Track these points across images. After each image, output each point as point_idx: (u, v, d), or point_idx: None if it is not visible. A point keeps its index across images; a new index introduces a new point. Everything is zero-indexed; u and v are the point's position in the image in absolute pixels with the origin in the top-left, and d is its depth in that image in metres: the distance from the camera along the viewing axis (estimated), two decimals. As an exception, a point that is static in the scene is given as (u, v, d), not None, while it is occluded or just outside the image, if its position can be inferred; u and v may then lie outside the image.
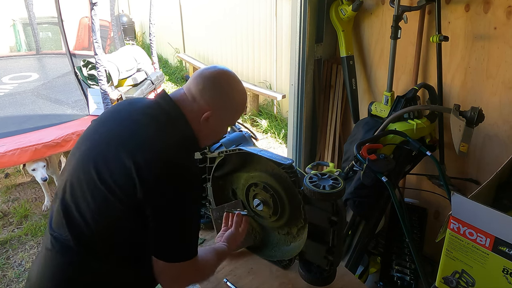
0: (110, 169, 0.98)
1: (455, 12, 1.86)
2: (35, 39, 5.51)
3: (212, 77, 1.12)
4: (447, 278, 0.95)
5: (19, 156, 2.88)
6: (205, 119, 1.10)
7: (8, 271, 2.63)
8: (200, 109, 1.09)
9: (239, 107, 1.17)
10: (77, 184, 1.03)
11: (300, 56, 2.38)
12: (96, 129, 1.10)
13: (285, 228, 1.45)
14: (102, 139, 1.05)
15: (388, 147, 1.77)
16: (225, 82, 1.13)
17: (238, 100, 1.15)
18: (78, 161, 1.05)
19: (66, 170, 1.09)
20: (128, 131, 1.04)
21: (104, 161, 1.00)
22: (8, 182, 3.71)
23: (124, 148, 0.99)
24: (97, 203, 0.99)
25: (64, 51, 4.39)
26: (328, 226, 1.23)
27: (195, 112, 1.09)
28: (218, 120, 1.13)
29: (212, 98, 1.10)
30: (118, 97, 3.68)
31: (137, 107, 1.10)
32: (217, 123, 1.14)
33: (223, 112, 1.13)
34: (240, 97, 1.16)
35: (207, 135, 1.15)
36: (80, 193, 1.02)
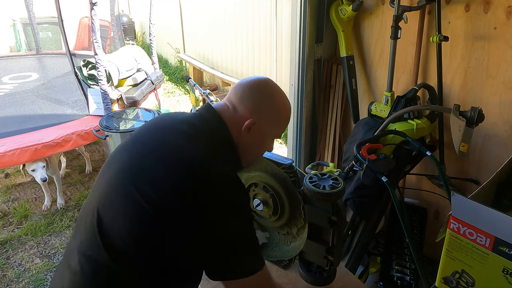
0: (150, 185, 0.89)
1: (455, 12, 1.86)
2: (35, 39, 5.51)
3: (252, 84, 1.07)
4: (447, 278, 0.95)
5: (19, 156, 2.88)
6: (247, 128, 1.03)
7: (8, 271, 2.63)
8: (241, 117, 1.03)
9: (283, 116, 1.09)
10: (115, 200, 0.93)
11: (300, 56, 2.38)
12: (134, 142, 1.01)
13: (285, 228, 1.45)
14: (141, 153, 0.96)
15: (388, 147, 1.77)
16: (266, 89, 1.07)
17: (282, 108, 1.08)
18: (116, 175, 0.95)
19: (99, 184, 1.00)
20: (168, 143, 0.96)
21: (145, 176, 0.91)
22: (8, 182, 3.71)
23: (165, 162, 0.92)
24: (136, 221, 0.89)
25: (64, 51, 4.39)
26: (328, 226, 1.23)
27: (237, 122, 1.03)
28: (260, 130, 1.05)
29: (253, 105, 1.04)
30: (118, 97, 3.69)
31: (179, 118, 1.04)
32: (259, 134, 1.06)
33: (265, 121, 1.05)
34: (284, 106, 1.09)
35: (250, 148, 1.07)
36: (117, 209, 0.91)
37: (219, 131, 1.02)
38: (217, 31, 5.77)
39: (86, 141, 3.27)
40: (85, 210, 1.00)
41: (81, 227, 0.98)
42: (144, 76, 4.14)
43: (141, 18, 7.95)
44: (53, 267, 2.66)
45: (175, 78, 6.53)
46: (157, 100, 4.32)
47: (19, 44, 6.59)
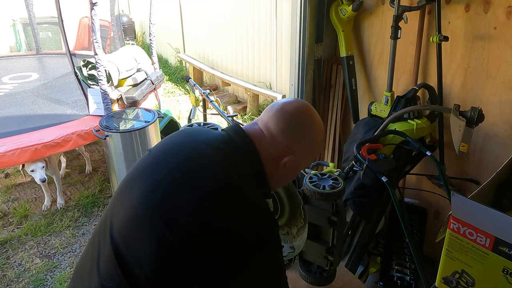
0: (174, 211, 0.82)
1: (455, 12, 1.86)
2: (35, 39, 5.51)
3: (296, 116, 0.97)
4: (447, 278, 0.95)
5: (19, 156, 2.88)
6: (284, 164, 0.96)
7: (8, 271, 2.63)
8: (280, 152, 0.95)
9: (318, 147, 1.03)
10: (136, 230, 0.84)
11: (300, 56, 2.38)
12: (158, 164, 0.91)
13: (285, 228, 1.45)
14: (165, 179, 0.86)
15: (388, 147, 1.77)
16: (309, 120, 0.98)
17: (319, 139, 1.02)
18: (138, 203, 0.86)
19: (117, 208, 0.91)
20: (195, 168, 0.87)
21: (169, 204, 0.83)
22: (8, 182, 3.71)
23: (190, 187, 0.83)
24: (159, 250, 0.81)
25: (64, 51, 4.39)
26: (328, 226, 1.23)
27: (272, 154, 0.94)
28: (295, 164, 0.99)
29: (296, 142, 0.96)
30: (118, 97, 3.69)
31: (203, 138, 0.94)
32: (294, 167, 1.00)
33: (303, 156, 0.99)
34: (321, 136, 1.03)
35: (279, 180, 1.01)
36: (139, 239, 0.83)
37: (251, 160, 0.93)
38: (217, 31, 5.77)
39: (86, 141, 3.27)
40: (101, 232, 0.92)
41: (98, 251, 0.90)
42: (144, 76, 4.14)
43: (141, 18, 7.95)
44: (53, 267, 2.66)
45: (175, 78, 6.53)
46: (157, 100, 4.32)
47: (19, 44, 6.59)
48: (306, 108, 0.99)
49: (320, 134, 1.02)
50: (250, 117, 5.01)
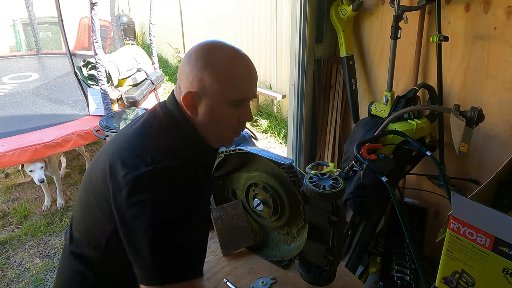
0: (95, 178, 0.93)
1: (455, 12, 1.86)
2: (35, 39, 5.52)
3: (189, 52, 0.93)
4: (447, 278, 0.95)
5: (19, 156, 2.88)
6: (188, 103, 0.91)
7: (8, 271, 2.63)
8: (182, 93, 0.92)
9: (229, 73, 0.90)
10: (78, 201, 1.04)
11: (300, 56, 2.38)
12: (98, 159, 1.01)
13: (285, 228, 1.45)
14: (99, 157, 0.98)
15: (388, 147, 1.77)
16: (203, 52, 0.91)
17: (226, 65, 0.90)
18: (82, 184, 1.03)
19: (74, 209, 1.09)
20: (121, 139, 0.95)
21: (94, 172, 0.95)
22: (8, 182, 3.71)
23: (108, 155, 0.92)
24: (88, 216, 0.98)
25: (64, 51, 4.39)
26: (328, 226, 1.23)
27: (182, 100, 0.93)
28: (206, 100, 0.91)
29: (191, 73, 0.90)
30: (118, 97, 3.69)
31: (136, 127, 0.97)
32: (207, 105, 0.91)
33: (209, 88, 0.89)
34: (229, 62, 0.90)
35: (206, 126, 0.94)
36: (79, 208, 1.02)
37: (172, 115, 0.95)
38: (217, 31, 5.77)
39: (86, 141, 3.27)
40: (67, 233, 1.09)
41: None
42: (144, 76, 4.14)
43: (141, 18, 7.95)
44: (53, 267, 2.66)
45: (175, 78, 6.53)
46: (157, 100, 4.32)
47: (19, 44, 6.59)
48: (202, 45, 0.93)
49: (224, 57, 0.91)
50: (250, 117, 5.01)
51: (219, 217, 1.47)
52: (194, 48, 0.93)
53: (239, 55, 0.93)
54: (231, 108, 0.93)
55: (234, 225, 1.49)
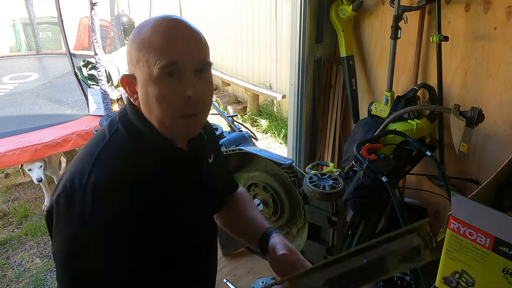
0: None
1: (455, 12, 1.86)
2: (35, 39, 5.52)
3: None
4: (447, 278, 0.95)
5: (19, 156, 2.88)
6: (129, 90, 0.81)
7: (8, 271, 2.63)
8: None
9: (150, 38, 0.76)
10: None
11: (300, 56, 2.38)
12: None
13: (285, 228, 1.45)
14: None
15: (388, 147, 1.77)
16: (135, 29, 0.81)
17: (147, 32, 0.77)
18: None
19: None
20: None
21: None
22: (8, 182, 3.71)
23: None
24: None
25: (64, 51, 4.39)
26: (328, 226, 1.23)
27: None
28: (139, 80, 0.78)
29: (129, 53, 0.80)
30: (118, 97, 3.69)
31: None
32: (140, 86, 0.79)
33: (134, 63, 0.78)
34: (151, 28, 0.77)
35: (150, 113, 0.80)
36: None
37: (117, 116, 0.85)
38: (217, 31, 5.77)
39: (86, 141, 3.26)
40: None
41: None
42: (144, 76, 4.13)
43: (141, 18, 7.95)
44: (53, 267, 2.66)
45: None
46: (157, 100, 4.32)
47: (19, 44, 6.59)
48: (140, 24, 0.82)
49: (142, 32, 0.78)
50: (250, 117, 5.01)
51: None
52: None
53: (164, 18, 0.79)
54: (165, 80, 0.75)
55: (234, 225, 1.49)
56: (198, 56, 0.78)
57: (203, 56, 0.80)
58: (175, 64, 0.75)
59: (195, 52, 0.78)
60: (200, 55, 0.79)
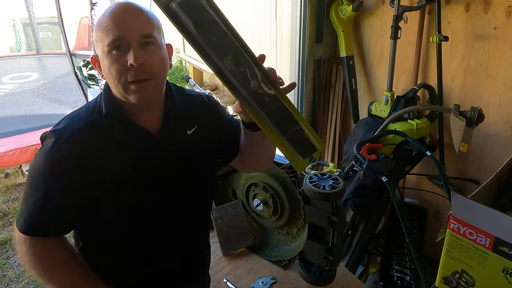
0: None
1: (455, 12, 1.86)
2: (35, 39, 5.52)
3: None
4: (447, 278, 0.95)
5: (19, 156, 2.88)
6: (97, 68, 0.96)
7: (8, 271, 2.63)
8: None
9: (101, 19, 0.91)
10: None
11: (300, 56, 2.38)
12: None
13: (285, 228, 1.45)
14: None
15: (388, 147, 1.77)
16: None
17: (102, 15, 0.92)
18: None
19: None
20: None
21: None
22: (8, 182, 3.71)
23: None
24: None
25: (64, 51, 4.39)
26: (328, 226, 1.23)
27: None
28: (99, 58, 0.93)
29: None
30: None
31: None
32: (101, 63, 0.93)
33: (94, 44, 0.94)
34: (105, 11, 0.91)
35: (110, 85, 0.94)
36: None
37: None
38: (217, 31, 5.77)
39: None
40: None
41: None
42: (144, 76, 4.13)
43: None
44: (53, 267, 2.66)
45: (175, 78, 6.53)
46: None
47: (19, 44, 6.59)
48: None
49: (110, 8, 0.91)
50: (250, 117, 5.01)
51: (219, 217, 1.47)
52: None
53: (116, 3, 0.93)
54: (113, 53, 0.88)
55: (234, 225, 1.49)
56: (142, 30, 0.89)
57: (147, 31, 0.90)
58: (120, 39, 0.87)
59: (139, 27, 0.89)
60: (144, 29, 0.90)
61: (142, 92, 0.90)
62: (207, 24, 0.79)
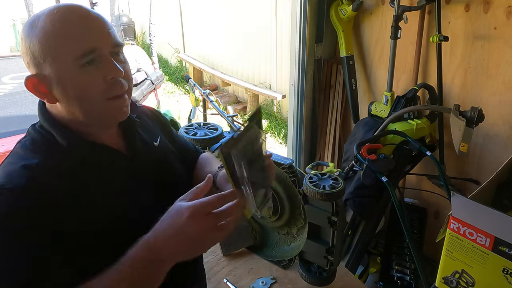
0: None
1: (455, 12, 1.86)
2: (35, 39, 5.51)
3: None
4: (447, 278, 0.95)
5: (19, 156, 2.88)
6: (38, 91, 0.78)
7: (8, 271, 2.63)
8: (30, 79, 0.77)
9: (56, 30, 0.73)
10: None
11: (300, 56, 2.38)
12: None
13: (285, 228, 1.45)
14: None
15: (388, 147, 1.77)
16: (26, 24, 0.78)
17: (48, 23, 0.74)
18: None
19: None
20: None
21: None
22: (8, 182, 3.71)
23: None
24: None
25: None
26: (328, 226, 1.23)
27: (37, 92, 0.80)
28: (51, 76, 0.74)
29: (23, 56, 0.78)
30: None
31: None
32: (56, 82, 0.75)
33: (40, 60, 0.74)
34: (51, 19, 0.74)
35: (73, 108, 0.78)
36: None
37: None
38: (217, 31, 5.77)
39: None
40: None
41: None
42: (144, 76, 4.14)
43: (141, 18, 7.95)
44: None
45: (175, 78, 6.53)
46: (157, 100, 4.32)
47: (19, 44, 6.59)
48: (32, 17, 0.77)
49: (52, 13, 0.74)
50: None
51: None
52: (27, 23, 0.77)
53: (60, 7, 0.75)
54: (85, 69, 0.73)
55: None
56: (113, 39, 0.77)
57: (116, 39, 0.78)
58: (93, 51, 0.73)
59: (109, 35, 0.76)
60: (113, 38, 0.77)
61: (125, 108, 0.81)
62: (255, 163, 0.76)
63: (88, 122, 0.80)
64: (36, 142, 0.81)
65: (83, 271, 0.70)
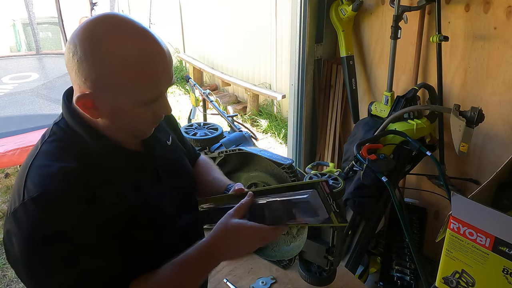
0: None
1: (455, 12, 1.86)
2: (35, 39, 5.51)
3: (72, 41, 0.71)
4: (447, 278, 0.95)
5: (19, 156, 2.88)
6: (86, 106, 0.73)
7: (8, 271, 2.63)
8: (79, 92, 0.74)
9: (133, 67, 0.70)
10: None
11: (300, 56, 2.38)
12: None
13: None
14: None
15: (388, 147, 1.77)
16: (93, 37, 0.69)
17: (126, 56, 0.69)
18: None
19: None
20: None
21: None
22: (8, 182, 3.71)
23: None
24: None
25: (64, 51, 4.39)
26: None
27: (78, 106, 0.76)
28: (109, 101, 0.72)
29: (80, 70, 0.70)
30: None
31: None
32: (113, 107, 0.74)
33: (106, 84, 0.70)
34: (129, 51, 0.69)
35: (114, 127, 0.79)
36: None
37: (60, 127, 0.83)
38: (217, 31, 5.77)
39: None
40: None
41: None
42: (144, 76, 4.13)
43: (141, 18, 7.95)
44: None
45: (175, 78, 6.53)
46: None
47: (19, 44, 6.59)
48: (88, 25, 0.70)
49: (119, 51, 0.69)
50: (250, 117, 5.01)
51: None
52: (77, 34, 0.70)
53: (143, 37, 0.72)
54: (145, 107, 0.75)
55: (234, 225, 1.48)
56: (172, 79, 0.78)
57: (173, 78, 0.79)
58: (160, 95, 0.77)
59: (171, 78, 0.77)
60: (172, 75, 0.78)
61: (150, 133, 0.87)
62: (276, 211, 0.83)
63: (121, 134, 0.82)
64: (66, 143, 0.79)
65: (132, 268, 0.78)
